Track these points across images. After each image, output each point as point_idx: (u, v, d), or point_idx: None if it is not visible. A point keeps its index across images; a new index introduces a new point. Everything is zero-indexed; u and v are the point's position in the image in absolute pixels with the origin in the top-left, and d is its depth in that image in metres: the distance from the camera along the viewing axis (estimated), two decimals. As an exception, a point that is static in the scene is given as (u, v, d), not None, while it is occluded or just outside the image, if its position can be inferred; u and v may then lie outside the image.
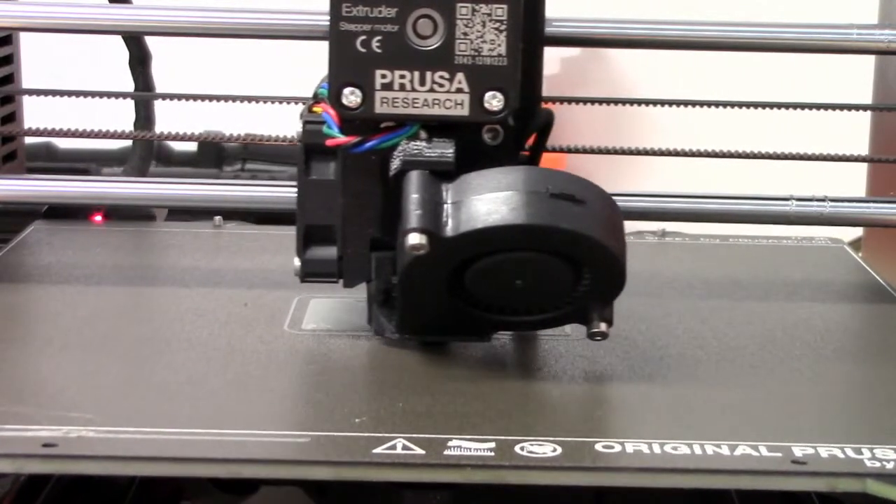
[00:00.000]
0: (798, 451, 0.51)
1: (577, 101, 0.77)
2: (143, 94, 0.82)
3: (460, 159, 0.58)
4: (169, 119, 0.82)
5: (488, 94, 0.59)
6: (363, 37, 0.58)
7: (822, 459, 0.50)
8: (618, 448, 0.51)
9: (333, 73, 0.59)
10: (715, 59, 1.00)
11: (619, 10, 0.74)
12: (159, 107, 0.83)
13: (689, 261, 0.76)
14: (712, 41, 0.71)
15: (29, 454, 0.49)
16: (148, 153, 0.86)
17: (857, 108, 0.76)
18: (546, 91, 0.64)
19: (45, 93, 0.75)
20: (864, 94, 0.82)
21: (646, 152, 0.75)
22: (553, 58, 2.05)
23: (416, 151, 0.58)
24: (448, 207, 0.56)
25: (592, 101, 0.76)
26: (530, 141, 0.64)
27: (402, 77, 0.58)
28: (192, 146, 1.17)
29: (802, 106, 0.74)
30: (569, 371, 0.59)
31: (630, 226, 0.79)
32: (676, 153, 0.74)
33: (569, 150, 0.77)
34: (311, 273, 0.62)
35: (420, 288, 0.58)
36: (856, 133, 0.85)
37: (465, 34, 0.58)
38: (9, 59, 0.82)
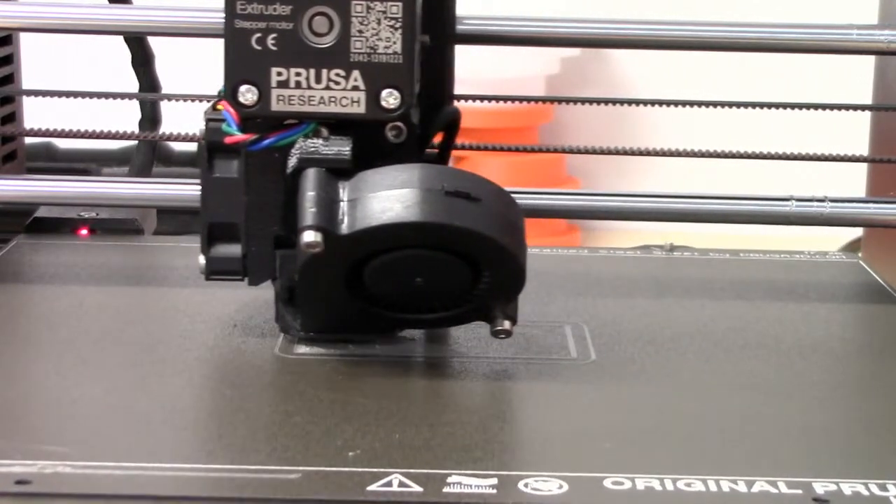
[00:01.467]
0: (819, 487, 0.48)
1: (577, 101, 0.77)
2: (143, 94, 0.82)
3: (363, 157, 0.58)
4: (169, 119, 0.82)
5: (385, 92, 0.59)
6: (258, 34, 0.58)
7: (845, 497, 0.47)
8: (628, 484, 0.48)
9: (229, 71, 0.59)
10: (715, 60, 1.00)
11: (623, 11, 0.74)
12: (161, 109, 0.83)
13: (698, 278, 0.74)
14: (712, 41, 0.71)
15: (1, 492, 0.46)
16: (151, 154, 0.86)
17: (857, 108, 0.76)
18: (546, 91, 0.64)
19: (45, 93, 0.75)
20: (864, 94, 0.82)
21: (646, 152, 0.75)
22: (553, 58, 2.05)
23: (312, 149, 0.58)
24: (344, 205, 0.56)
25: (592, 101, 0.76)
26: (439, 139, 0.64)
27: (298, 75, 0.58)
28: (192, 146, 1.17)
29: (802, 106, 0.74)
30: (575, 399, 0.57)
31: (630, 227, 0.79)
32: (676, 153, 0.74)
33: (569, 151, 0.77)
34: (216, 271, 0.62)
35: (319, 286, 0.58)
36: (856, 133, 0.85)
37: (361, 32, 0.58)
38: (9, 59, 0.82)
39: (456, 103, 0.65)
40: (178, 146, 1.16)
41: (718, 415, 0.56)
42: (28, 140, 0.89)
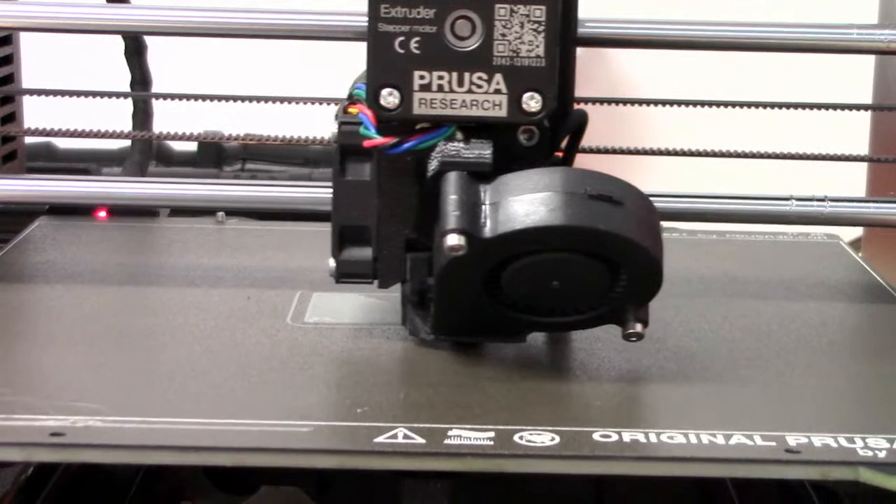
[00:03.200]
0: (792, 440, 0.52)
1: (577, 101, 0.77)
2: (143, 94, 0.82)
3: (497, 160, 0.58)
4: (169, 119, 0.82)
5: (526, 95, 0.59)
6: (401, 38, 0.58)
7: (815, 448, 0.51)
8: (615, 437, 0.52)
9: (372, 74, 0.59)
10: (715, 59, 1.00)
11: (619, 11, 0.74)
12: (159, 107, 0.83)
13: (685, 256, 0.76)
14: (712, 41, 0.71)
15: (37, 443, 0.50)
16: (147, 151, 0.86)
17: (857, 108, 0.76)
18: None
19: (45, 93, 0.75)
20: (864, 94, 0.82)
21: (646, 152, 0.75)
22: (553, 58, 2.05)
23: (454, 152, 0.58)
24: (486, 208, 0.56)
25: (592, 100, 0.76)
26: (564, 142, 0.64)
27: (441, 78, 0.58)
28: (192, 146, 1.17)
29: (802, 106, 0.74)
30: (567, 364, 0.60)
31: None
32: (676, 153, 0.74)
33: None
34: (346, 274, 0.62)
35: (456, 289, 0.58)
36: (856, 133, 0.85)
37: (504, 35, 0.58)
38: (9, 59, 0.82)
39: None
40: (178, 146, 1.16)
41: (699, 378, 0.59)
42: (28, 140, 0.89)
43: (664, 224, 0.79)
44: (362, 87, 0.59)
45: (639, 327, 0.58)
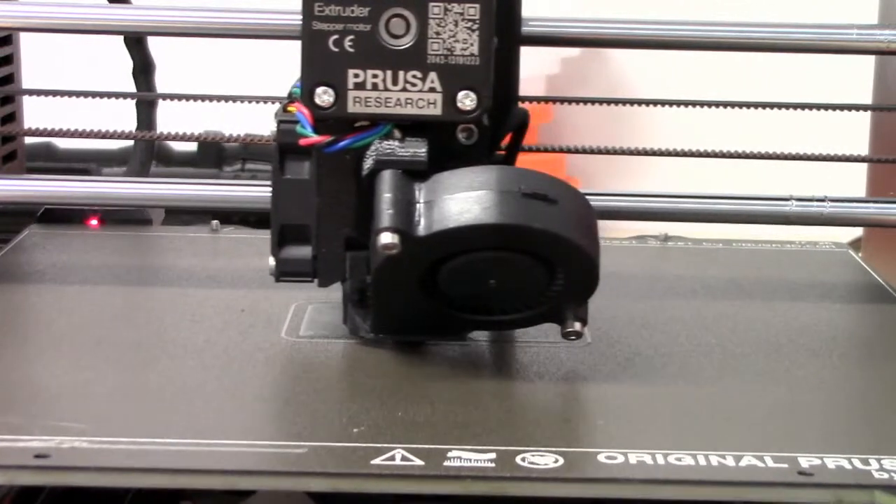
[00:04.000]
0: (804, 461, 0.50)
1: (577, 101, 0.77)
2: (144, 94, 0.82)
3: (434, 159, 0.58)
4: (169, 119, 0.82)
5: (461, 94, 0.59)
6: (335, 36, 0.58)
7: (828, 471, 0.49)
8: (621, 459, 0.50)
9: (306, 73, 0.59)
10: (715, 59, 1.00)
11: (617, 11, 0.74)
12: (160, 107, 0.83)
13: (692, 265, 0.75)
14: (712, 41, 0.71)
15: (21, 465, 0.48)
16: (149, 155, 0.86)
17: (857, 108, 0.76)
18: (546, 91, 0.64)
19: (45, 93, 0.75)
20: (864, 94, 0.82)
21: (646, 152, 0.75)
22: (553, 58, 2.05)
23: (388, 151, 0.58)
24: (420, 207, 0.56)
25: (592, 101, 0.76)
26: (506, 141, 0.64)
27: (375, 76, 0.58)
28: (192, 146, 1.17)
29: (802, 106, 0.74)
30: (570, 379, 0.59)
31: (630, 227, 0.79)
32: (676, 153, 0.74)
33: (569, 150, 0.77)
34: (286, 272, 0.62)
35: (393, 287, 0.58)
36: (856, 133, 0.85)
37: (438, 34, 0.58)
38: (9, 59, 0.82)
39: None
40: (178, 146, 1.16)
41: (708, 395, 0.58)
42: (28, 140, 0.89)
43: (668, 230, 0.80)
44: (301, 85, 0.59)
45: (578, 326, 0.58)
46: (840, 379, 0.60)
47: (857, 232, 0.85)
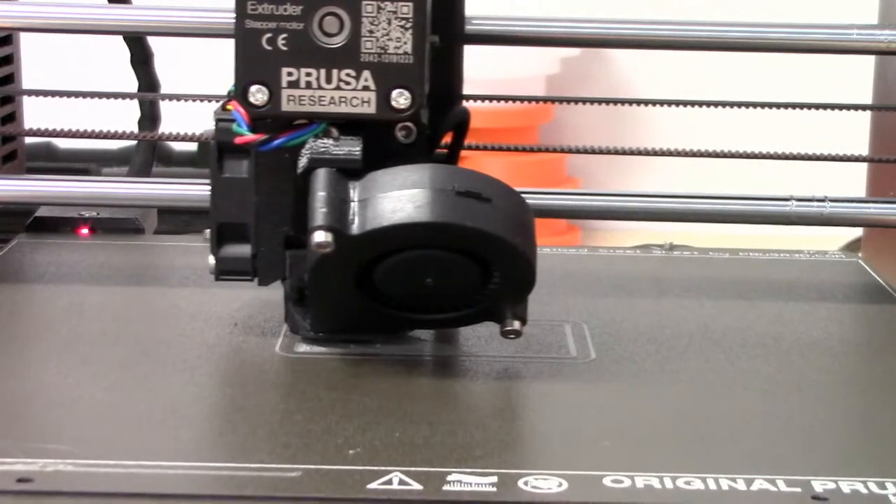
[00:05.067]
0: (818, 485, 0.48)
1: (577, 101, 0.77)
2: (144, 94, 0.82)
3: (372, 157, 0.58)
4: (169, 119, 0.82)
5: (395, 92, 0.58)
6: (269, 34, 0.58)
7: (844, 495, 0.47)
8: (627, 483, 0.48)
9: (240, 72, 0.59)
10: (715, 60, 1.00)
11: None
12: (159, 107, 0.83)
13: (698, 277, 0.74)
14: (712, 41, 0.71)
15: (3, 490, 0.46)
16: (150, 154, 0.86)
17: (857, 108, 0.76)
18: (546, 91, 0.64)
19: (45, 93, 0.75)
20: (864, 94, 0.82)
21: (646, 152, 0.75)
22: (553, 58, 2.05)
23: (322, 149, 0.58)
24: (354, 205, 0.56)
25: (592, 101, 0.76)
26: (448, 139, 0.64)
27: (309, 75, 0.58)
28: (192, 146, 1.17)
29: (802, 106, 0.74)
30: (575, 398, 0.57)
31: (630, 227, 0.79)
32: (676, 153, 0.74)
33: (569, 151, 0.77)
34: (226, 271, 0.61)
35: (330, 286, 0.58)
36: (856, 133, 0.85)
37: (371, 32, 0.58)
38: (9, 59, 0.82)
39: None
40: (178, 146, 1.16)
41: (718, 413, 0.56)
42: (28, 140, 0.89)
43: (674, 239, 0.79)
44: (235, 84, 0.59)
45: (517, 324, 0.58)
46: (854, 396, 0.59)
47: (858, 232, 0.85)
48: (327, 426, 0.53)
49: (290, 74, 0.58)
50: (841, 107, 0.74)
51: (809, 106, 0.74)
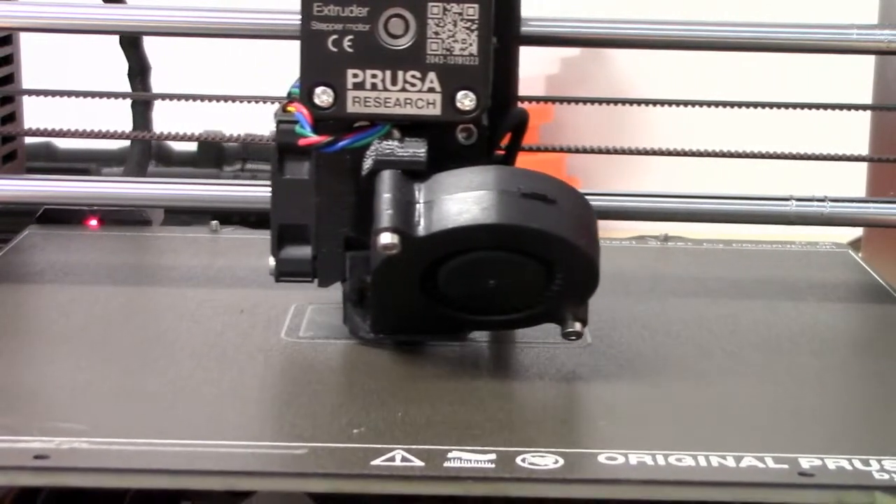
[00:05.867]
0: (805, 462, 0.50)
1: (577, 101, 0.77)
2: (144, 94, 0.82)
3: (433, 159, 0.58)
4: (169, 119, 0.82)
5: (460, 94, 0.59)
6: (334, 36, 0.58)
7: (829, 471, 0.49)
8: (621, 460, 0.50)
9: (305, 73, 0.59)
10: (715, 59, 1.00)
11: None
12: (159, 106, 0.83)
13: (692, 266, 0.75)
14: (712, 41, 0.71)
15: (20, 466, 0.48)
16: (146, 157, 0.86)
17: (857, 108, 0.76)
18: (546, 91, 0.64)
19: (45, 93, 0.75)
20: (864, 94, 0.82)
21: (646, 152, 0.75)
22: (553, 58, 2.05)
23: (388, 151, 0.58)
24: (420, 207, 0.56)
25: (592, 101, 0.76)
26: (505, 140, 0.64)
27: (374, 76, 0.58)
28: (192, 146, 1.17)
29: (802, 106, 0.74)
30: (571, 380, 0.59)
31: (631, 227, 0.79)
32: (676, 153, 0.74)
33: (569, 150, 0.77)
34: (286, 272, 0.62)
35: (393, 287, 0.58)
36: (856, 133, 0.85)
37: (437, 33, 0.58)
38: (9, 59, 0.82)
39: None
40: (178, 146, 1.16)
41: (709, 395, 0.58)
42: (28, 140, 0.89)
43: (669, 231, 0.80)
44: (299, 85, 0.59)
45: (578, 326, 0.58)
46: (841, 379, 0.60)
47: (858, 232, 0.85)
48: (332, 407, 0.55)
49: (355, 76, 0.58)
50: (841, 107, 0.74)
51: (809, 106, 0.74)
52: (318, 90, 0.58)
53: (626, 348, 0.62)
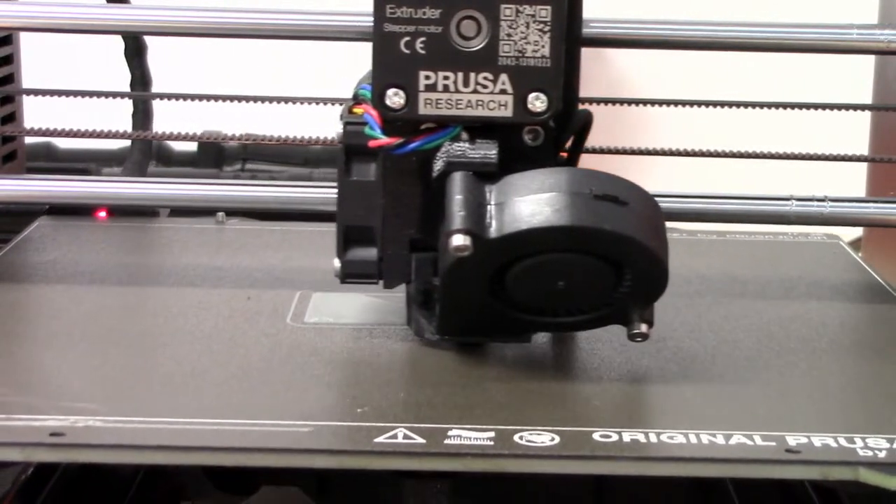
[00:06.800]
0: (792, 440, 0.52)
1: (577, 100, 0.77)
2: (143, 94, 0.82)
3: (501, 160, 0.58)
4: (169, 119, 0.82)
5: (531, 96, 0.58)
6: (407, 38, 0.58)
7: (815, 448, 0.51)
8: (615, 437, 0.52)
9: (377, 75, 0.59)
10: (715, 59, 1.00)
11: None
12: (159, 107, 0.83)
13: (686, 256, 0.76)
14: (712, 41, 0.71)
15: (37, 443, 0.50)
16: (147, 150, 0.86)
17: (857, 108, 0.76)
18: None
19: (45, 93, 0.75)
20: (864, 94, 0.82)
21: (646, 152, 0.75)
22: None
23: (459, 153, 0.58)
24: (491, 209, 0.56)
25: (592, 101, 0.76)
26: (568, 142, 0.64)
27: (446, 78, 0.58)
28: (192, 146, 1.17)
29: (802, 106, 0.74)
30: (567, 363, 0.60)
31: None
32: (676, 153, 0.74)
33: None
34: (351, 274, 0.62)
35: (462, 289, 0.58)
36: (856, 133, 0.85)
37: (509, 35, 0.58)
38: (9, 59, 0.82)
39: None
40: (178, 146, 1.16)
41: (700, 378, 0.59)
42: (28, 140, 0.89)
43: (669, 227, 0.80)
44: (367, 87, 0.59)
45: (644, 328, 0.58)
46: (828, 363, 0.62)
47: (858, 232, 0.85)
48: (336, 388, 0.57)
49: (427, 78, 0.58)
50: (841, 107, 0.74)
51: (809, 106, 0.74)
52: (390, 92, 0.58)
53: (621, 332, 0.62)
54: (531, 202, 0.56)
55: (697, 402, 0.56)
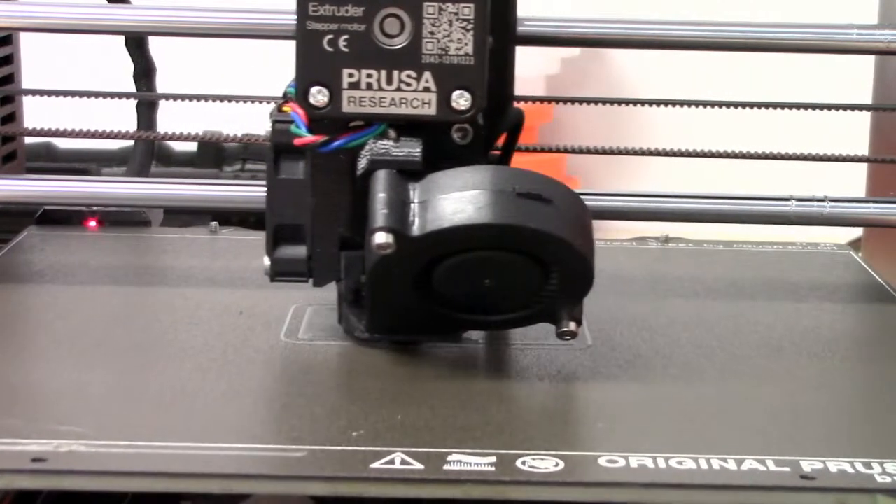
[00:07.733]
0: (806, 465, 0.50)
1: (577, 101, 0.77)
2: (143, 94, 0.82)
3: (429, 159, 0.58)
4: (169, 119, 0.82)
5: (455, 94, 0.58)
6: (330, 36, 0.58)
7: (831, 474, 0.49)
8: (622, 462, 0.50)
9: (301, 73, 0.59)
10: (715, 59, 1.00)
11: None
12: (159, 108, 0.83)
13: (693, 267, 0.75)
14: (712, 41, 0.71)
15: (18, 469, 0.48)
16: (148, 156, 0.86)
17: (857, 108, 0.76)
18: (546, 91, 0.64)
19: (45, 93, 0.75)
20: (864, 94, 0.82)
21: (646, 152, 0.75)
22: (553, 58, 2.05)
23: (383, 150, 0.58)
24: (415, 206, 0.56)
25: (592, 101, 0.76)
26: (501, 140, 0.64)
27: (370, 76, 0.58)
28: (192, 146, 1.17)
29: (802, 106, 0.74)
30: (571, 381, 0.59)
31: (631, 227, 0.79)
32: (676, 153, 0.74)
33: (569, 151, 0.77)
34: (281, 272, 0.62)
35: (388, 287, 0.58)
36: (856, 133, 0.85)
37: (432, 33, 0.58)
38: (9, 59, 0.82)
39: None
40: (178, 146, 1.16)
41: (710, 398, 0.57)
42: (28, 140, 0.89)
43: (669, 232, 0.80)
44: (295, 85, 0.59)
45: (573, 326, 0.58)
46: (842, 381, 0.60)
47: (858, 232, 0.85)
48: (331, 409, 0.55)
49: (350, 76, 0.58)
50: (841, 107, 0.74)
51: (809, 106, 0.74)
52: (314, 90, 0.58)
53: (627, 350, 0.61)
54: (454, 200, 0.56)
55: (707, 424, 0.54)
